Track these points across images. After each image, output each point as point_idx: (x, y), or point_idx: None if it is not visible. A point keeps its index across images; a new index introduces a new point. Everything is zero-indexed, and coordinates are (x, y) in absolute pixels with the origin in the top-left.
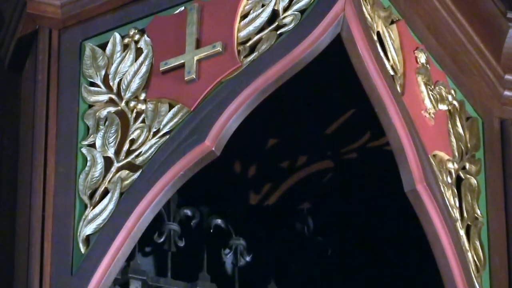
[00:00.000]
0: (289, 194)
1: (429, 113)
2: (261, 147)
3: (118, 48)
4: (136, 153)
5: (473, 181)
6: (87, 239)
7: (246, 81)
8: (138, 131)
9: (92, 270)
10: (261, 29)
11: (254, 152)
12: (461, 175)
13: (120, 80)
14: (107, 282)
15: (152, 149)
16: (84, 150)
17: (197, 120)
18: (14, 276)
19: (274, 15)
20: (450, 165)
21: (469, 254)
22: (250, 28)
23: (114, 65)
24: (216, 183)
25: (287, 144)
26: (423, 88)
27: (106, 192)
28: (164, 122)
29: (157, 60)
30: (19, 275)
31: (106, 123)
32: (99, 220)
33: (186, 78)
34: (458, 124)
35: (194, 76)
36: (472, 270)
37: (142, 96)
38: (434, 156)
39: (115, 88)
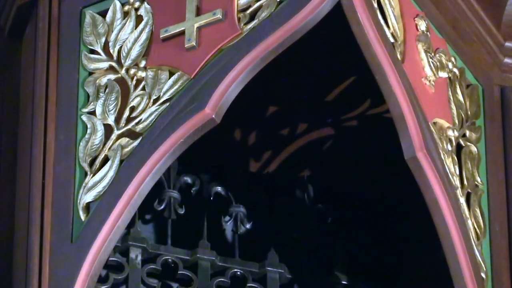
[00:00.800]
0: (289, 162)
1: (429, 81)
2: (261, 114)
3: (118, 15)
4: (136, 120)
5: (473, 148)
6: (87, 207)
7: (246, 48)
8: (138, 99)
9: (92, 238)
10: None
11: (254, 119)
12: (461, 142)
13: (120, 47)
14: (107, 249)
15: (152, 116)
16: (84, 118)
17: (197, 87)
18: (14, 243)
19: None
20: (450, 132)
21: (469, 221)
22: None
23: (114, 32)
24: (216, 151)
25: (287, 112)
26: (423, 55)
27: (106, 160)
28: (164, 90)
29: (157, 28)
30: (19, 243)
31: (106, 91)
32: (99, 188)
33: (186, 46)
34: (458, 91)
35: (194, 44)
36: (472, 237)
37: (142, 64)
38: (434, 123)
39: (115, 55)
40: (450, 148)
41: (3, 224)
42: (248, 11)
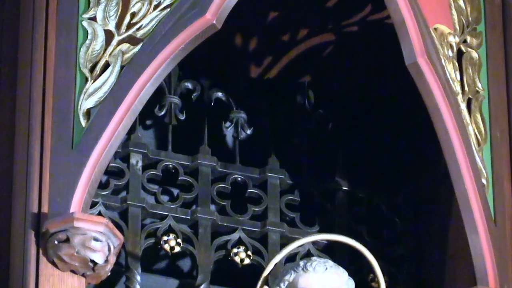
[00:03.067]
0: (290, 67)
1: None
2: (262, 20)
3: None
4: (137, 26)
5: (474, 54)
6: (88, 113)
7: None
8: (139, 4)
9: (93, 144)
10: None
11: (255, 25)
12: (462, 48)
13: None
14: (107, 155)
15: (153, 22)
16: (85, 23)
17: None
18: (14, 149)
19: None
20: (451, 38)
21: (470, 127)
22: None
23: None
24: (217, 56)
25: (287, 17)
26: None
27: (107, 66)
28: None
29: None
30: (20, 148)
31: None
32: (100, 94)
33: None
34: None
35: None
36: (473, 143)
37: None
38: (435, 29)
39: None
40: (451, 54)
41: (4, 130)
42: None
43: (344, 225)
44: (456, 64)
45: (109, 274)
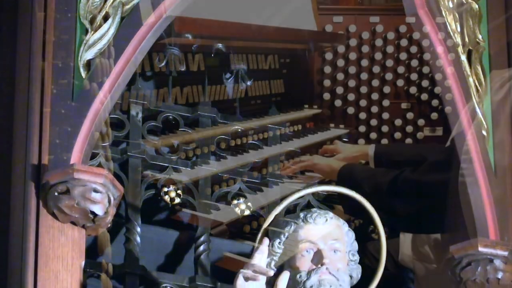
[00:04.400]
0: None
1: None
2: None
3: None
4: None
5: (475, 5)
6: (88, 64)
7: None
8: None
9: (93, 95)
10: None
11: None
12: None
13: None
14: (107, 107)
15: None
16: None
17: None
18: (14, 102)
19: None
20: None
21: (471, 79)
22: None
23: None
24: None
25: None
26: None
27: (107, 17)
28: None
29: None
30: (20, 100)
31: None
32: (100, 45)
33: None
34: None
35: None
36: (474, 95)
37: None
38: None
39: None
40: (451, 6)
41: (4, 82)
42: None
43: None
44: (457, 15)
45: (109, 225)
